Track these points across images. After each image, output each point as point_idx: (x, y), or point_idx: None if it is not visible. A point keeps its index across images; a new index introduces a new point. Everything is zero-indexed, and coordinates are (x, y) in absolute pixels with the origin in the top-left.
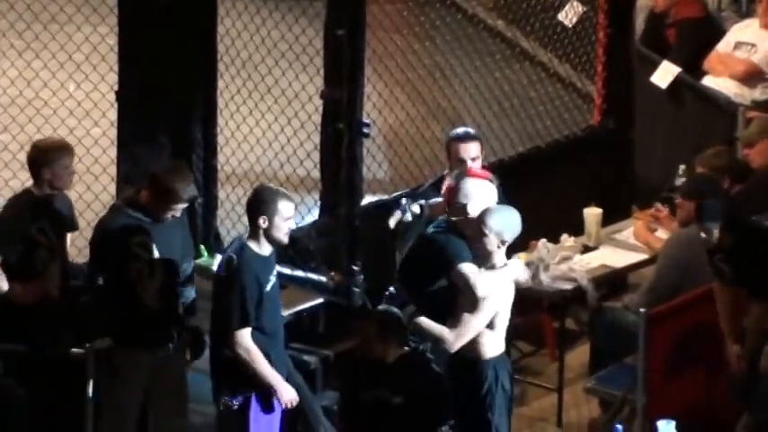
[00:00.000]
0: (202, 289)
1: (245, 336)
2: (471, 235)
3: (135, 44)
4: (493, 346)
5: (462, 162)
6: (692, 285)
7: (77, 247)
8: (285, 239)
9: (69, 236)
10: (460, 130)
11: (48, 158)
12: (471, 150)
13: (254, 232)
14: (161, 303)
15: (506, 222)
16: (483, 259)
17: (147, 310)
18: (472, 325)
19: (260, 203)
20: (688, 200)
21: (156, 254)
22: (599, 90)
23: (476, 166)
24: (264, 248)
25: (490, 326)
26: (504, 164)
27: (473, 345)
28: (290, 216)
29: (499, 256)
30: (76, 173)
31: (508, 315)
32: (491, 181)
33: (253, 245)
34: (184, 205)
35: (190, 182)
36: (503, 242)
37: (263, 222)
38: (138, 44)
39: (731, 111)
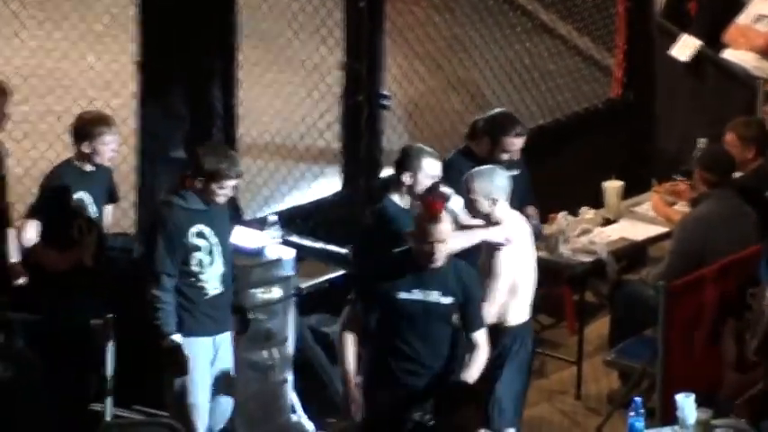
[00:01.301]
0: None
1: None
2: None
3: (155, 15)
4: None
5: (508, 153)
6: (712, 259)
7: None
8: None
9: (110, 207)
10: (516, 122)
11: (89, 132)
12: (520, 144)
13: (397, 187)
14: (224, 289)
15: (488, 181)
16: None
17: (209, 299)
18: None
19: (405, 159)
20: (696, 168)
21: (215, 239)
22: (619, 63)
23: (516, 156)
24: (405, 203)
25: (513, 293)
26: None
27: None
28: (435, 174)
29: (499, 214)
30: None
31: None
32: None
33: (396, 198)
34: (234, 182)
35: (233, 158)
36: (494, 201)
37: (407, 178)
38: (159, 15)
39: (751, 84)
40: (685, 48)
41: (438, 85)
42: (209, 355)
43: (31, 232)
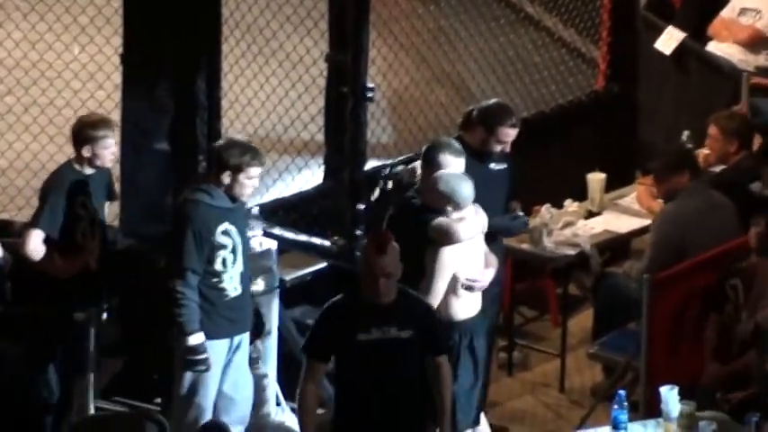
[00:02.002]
0: None
1: None
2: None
3: (139, 7)
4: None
5: (502, 144)
6: (694, 254)
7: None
8: None
9: (107, 205)
10: (508, 111)
11: (89, 136)
12: (513, 135)
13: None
14: (242, 290)
15: (453, 187)
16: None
17: (228, 301)
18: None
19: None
20: (680, 172)
21: (238, 239)
22: (603, 55)
23: (508, 147)
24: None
25: (455, 290)
26: None
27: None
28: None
29: (454, 216)
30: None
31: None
32: None
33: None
34: (260, 170)
35: (254, 148)
36: (456, 205)
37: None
38: (143, 7)
39: (735, 77)
40: (670, 41)
41: (423, 77)
42: (222, 358)
43: (36, 242)
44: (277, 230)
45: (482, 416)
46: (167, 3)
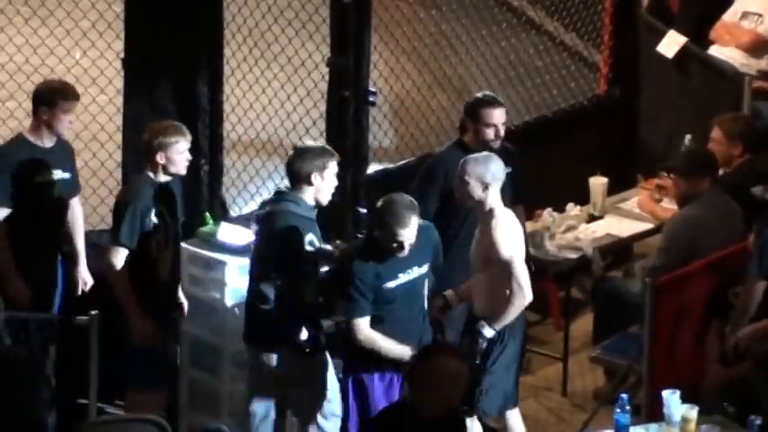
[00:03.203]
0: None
1: None
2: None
3: (141, 11)
4: None
5: (493, 127)
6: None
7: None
8: None
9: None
10: (488, 95)
11: (162, 143)
12: (500, 116)
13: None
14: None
15: (484, 165)
16: (480, 213)
17: (308, 307)
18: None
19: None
20: (701, 176)
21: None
22: (605, 59)
23: (503, 130)
24: None
25: None
26: (510, 133)
27: None
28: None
29: (492, 200)
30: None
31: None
32: None
33: None
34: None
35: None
36: (486, 186)
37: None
38: (145, 11)
39: (737, 81)
40: (672, 44)
41: (424, 81)
42: None
43: (122, 261)
44: None
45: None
46: (169, 7)
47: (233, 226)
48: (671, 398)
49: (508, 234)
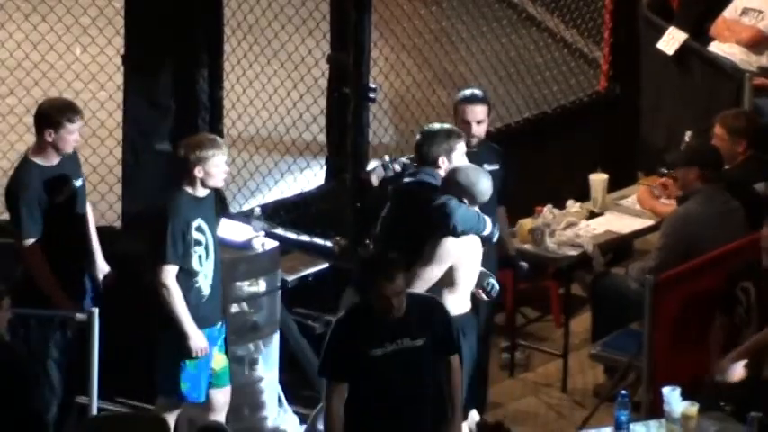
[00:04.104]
0: None
1: None
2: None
3: (141, 8)
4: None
5: (467, 124)
6: (698, 257)
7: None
8: None
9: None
10: (469, 91)
11: (200, 157)
12: (477, 113)
13: None
14: None
15: (471, 181)
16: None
17: None
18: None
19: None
20: (688, 166)
21: None
22: (605, 56)
23: (480, 129)
24: None
25: (451, 284)
26: (510, 129)
27: None
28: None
29: None
30: (83, 138)
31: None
32: None
33: None
34: None
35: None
36: (473, 199)
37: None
38: (145, 8)
39: (737, 77)
40: (672, 41)
41: (424, 77)
42: None
43: (173, 278)
44: (279, 231)
45: (472, 413)
46: (169, 3)
47: (233, 222)
48: (671, 394)
49: (455, 243)
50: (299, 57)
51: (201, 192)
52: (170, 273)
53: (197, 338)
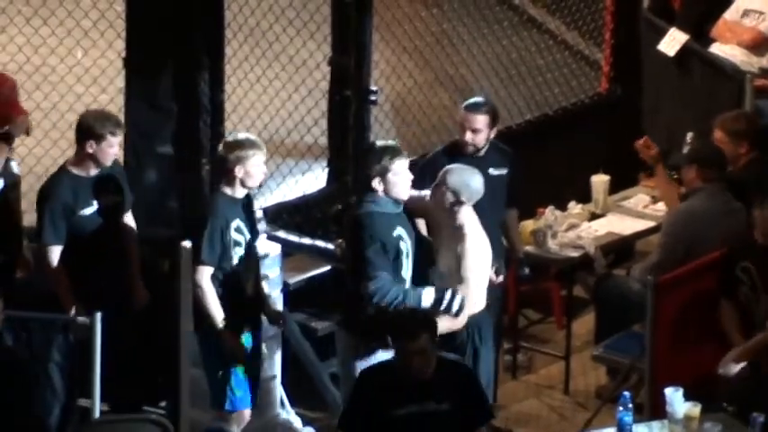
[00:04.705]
0: None
1: None
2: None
3: (142, 11)
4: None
5: (464, 131)
6: (698, 258)
7: None
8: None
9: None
10: (474, 99)
11: (240, 157)
12: (473, 121)
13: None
14: None
15: (464, 180)
16: (450, 225)
17: None
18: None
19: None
20: (689, 165)
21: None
22: (606, 57)
23: (478, 138)
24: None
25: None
26: (511, 131)
27: None
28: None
29: (463, 218)
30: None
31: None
32: None
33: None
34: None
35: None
36: (459, 202)
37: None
38: (146, 11)
39: (738, 79)
40: (673, 42)
41: (426, 80)
42: None
43: (208, 279)
44: (281, 234)
45: None
46: (170, 6)
47: None
48: (674, 396)
49: (473, 258)
50: (301, 59)
51: (240, 192)
52: (205, 273)
53: (229, 339)
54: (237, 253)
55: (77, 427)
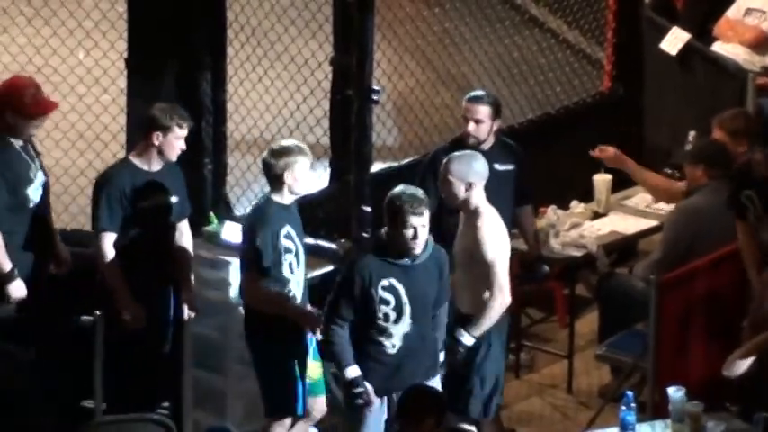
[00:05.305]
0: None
1: None
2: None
3: (144, 11)
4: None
5: (466, 121)
6: (701, 254)
7: None
8: None
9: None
10: (476, 91)
11: (289, 163)
12: (475, 112)
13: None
14: None
15: (466, 164)
16: (465, 212)
17: None
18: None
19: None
20: (695, 164)
21: None
22: (608, 56)
23: (480, 130)
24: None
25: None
26: (514, 130)
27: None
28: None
29: (476, 200)
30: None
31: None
32: None
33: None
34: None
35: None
36: (470, 185)
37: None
38: (148, 11)
39: (741, 77)
40: (675, 41)
41: (428, 79)
42: None
43: (257, 287)
44: None
45: None
46: (172, 6)
47: (237, 225)
48: (677, 395)
49: (493, 235)
50: (302, 59)
51: (288, 199)
52: (255, 282)
53: (305, 315)
54: (288, 260)
55: (81, 426)
